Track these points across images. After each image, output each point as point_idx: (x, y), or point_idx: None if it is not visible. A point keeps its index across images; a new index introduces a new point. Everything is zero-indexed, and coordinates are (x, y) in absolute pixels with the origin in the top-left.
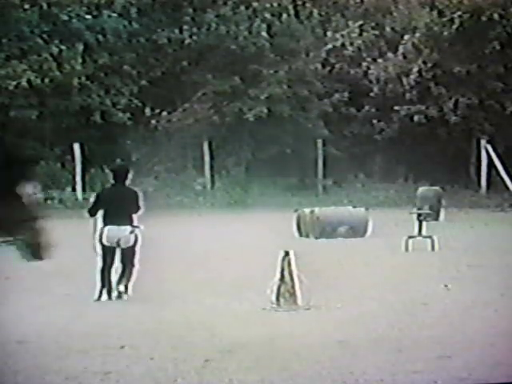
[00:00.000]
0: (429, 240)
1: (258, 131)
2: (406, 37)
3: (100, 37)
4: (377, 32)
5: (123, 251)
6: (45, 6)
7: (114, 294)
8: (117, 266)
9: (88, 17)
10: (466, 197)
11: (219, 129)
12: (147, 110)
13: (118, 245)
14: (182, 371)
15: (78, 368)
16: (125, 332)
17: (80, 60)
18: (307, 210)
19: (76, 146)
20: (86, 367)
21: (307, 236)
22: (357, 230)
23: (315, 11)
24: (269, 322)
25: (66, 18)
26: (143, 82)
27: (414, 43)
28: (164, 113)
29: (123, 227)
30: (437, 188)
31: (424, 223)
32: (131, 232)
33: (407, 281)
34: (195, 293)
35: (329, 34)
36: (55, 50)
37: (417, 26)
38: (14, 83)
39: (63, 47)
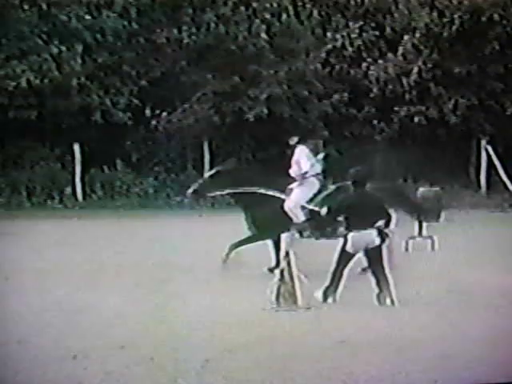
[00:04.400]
0: (429, 240)
1: (258, 131)
2: (406, 37)
3: (99, 37)
4: (377, 32)
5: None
6: (44, 7)
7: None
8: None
9: (87, 17)
10: (466, 197)
11: (219, 129)
12: (147, 110)
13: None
14: (182, 371)
15: (78, 368)
16: (125, 332)
17: (79, 60)
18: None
19: (76, 146)
20: (86, 367)
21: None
22: None
23: (315, 11)
24: (269, 322)
25: (65, 18)
26: (143, 82)
27: (413, 44)
28: (164, 113)
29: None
30: (437, 189)
31: (424, 223)
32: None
33: (407, 281)
34: (195, 293)
35: (329, 34)
36: (55, 51)
37: (417, 27)
38: (14, 83)
39: (63, 47)
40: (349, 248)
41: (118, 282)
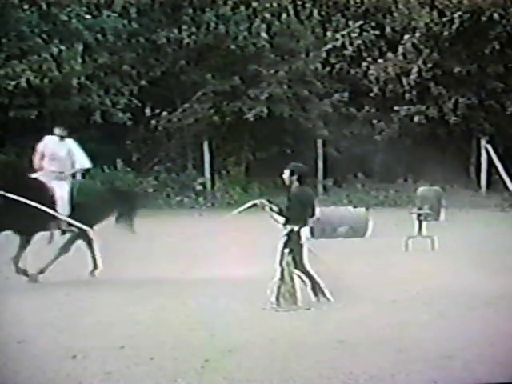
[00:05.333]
0: (429, 240)
1: (258, 131)
2: (406, 37)
3: (100, 37)
4: (377, 32)
5: None
6: (44, 6)
7: None
8: None
9: (88, 17)
10: (466, 197)
11: (219, 129)
12: (147, 110)
13: None
14: (182, 371)
15: (78, 368)
16: (125, 332)
17: (79, 60)
18: None
19: None
20: (86, 367)
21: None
22: (357, 229)
23: (315, 11)
24: (269, 322)
25: (65, 18)
26: (143, 82)
27: (413, 43)
28: (164, 113)
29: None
30: (437, 188)
31: (424, 223)
32: None
33: (407, 281)
34: (195, 293)
35: (329, 34)
36: (55, 50)
37: (417, 26)
38: (14, 83)
39: (63, 47)
40: (303, 242)
41: (117, 281)
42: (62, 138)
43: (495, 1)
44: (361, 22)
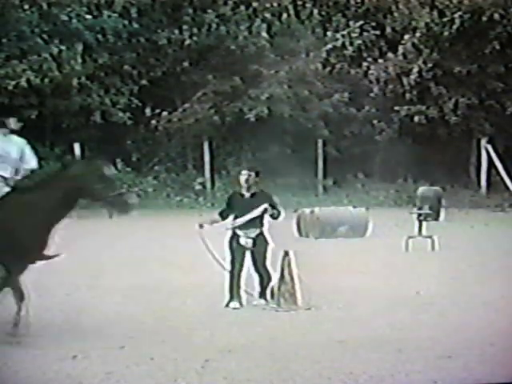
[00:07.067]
0: (429, 240)
1: (258, 131)
2: (406, 37)
3: (100, 37)
4: (377, 32)
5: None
6: (45, 6)
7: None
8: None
9: (88, 17)
10: (466, 197)
11: (219, 129)
12: (147, 110)
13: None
14: (182, 371)
15: (78, 368)
16: (125, 332)
17: (80, 60)
18: (307, 210)
19: (76, 146)
20: (86, 367)
21: (307, 236)
22: (357, 229)
23: (315, 11)
24: (269, 322)
25: (65, 18)
26: (143, 82)
27: (414, 43)
28: (164, 113)
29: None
30: (437, 188)
31: (424, 223)
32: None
33: (407, 281)
34: (196, 293)
35: (329, 34)
36: (55, 50)
37: (417, 26)
38: (13, 83)
39: (63, 47)
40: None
41: (118, 281)
42: (12, 132)
43: (495, 1)
44: (361, 22)
